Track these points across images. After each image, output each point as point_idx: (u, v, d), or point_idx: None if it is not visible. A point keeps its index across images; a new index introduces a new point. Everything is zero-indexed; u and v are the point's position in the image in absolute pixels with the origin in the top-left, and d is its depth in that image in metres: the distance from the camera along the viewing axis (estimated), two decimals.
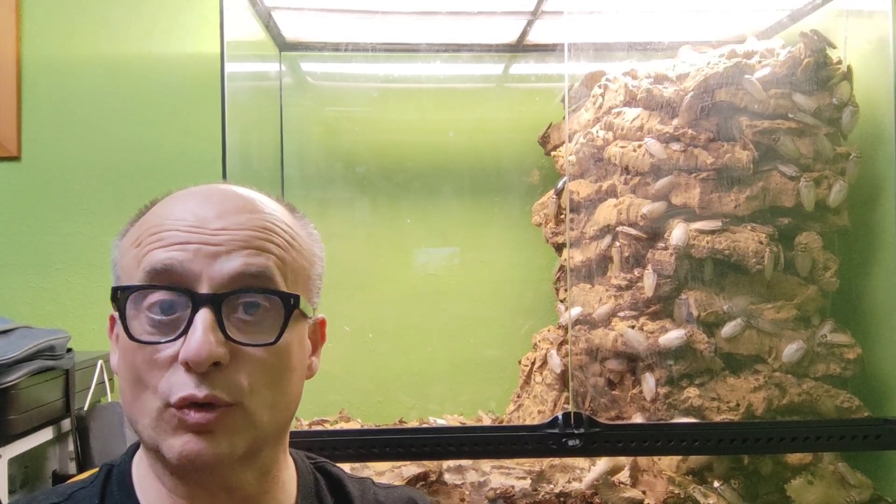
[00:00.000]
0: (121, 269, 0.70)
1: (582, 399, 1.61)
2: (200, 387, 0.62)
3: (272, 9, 1.72)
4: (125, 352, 0.66)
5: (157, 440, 0.64)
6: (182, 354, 0.62)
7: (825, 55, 1.52)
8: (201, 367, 0.62)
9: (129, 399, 0.66)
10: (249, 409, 0.65)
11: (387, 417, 1.84)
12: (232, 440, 0.64)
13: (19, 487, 1.41)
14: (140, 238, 0.68)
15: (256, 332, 0.66)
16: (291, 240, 0.71)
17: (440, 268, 1.97)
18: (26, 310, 1.83)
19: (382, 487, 0.86)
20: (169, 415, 0.63)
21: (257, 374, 0.65)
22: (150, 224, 0.68)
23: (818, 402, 1.45)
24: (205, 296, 0.64)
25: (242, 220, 0.68)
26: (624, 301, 1.55)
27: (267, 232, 0.68)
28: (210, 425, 0.63)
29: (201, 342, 0.62)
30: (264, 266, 0.66)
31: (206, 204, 0.68)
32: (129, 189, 1.86)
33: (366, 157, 1.95)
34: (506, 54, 1.97)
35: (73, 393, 1.47)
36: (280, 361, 0.67)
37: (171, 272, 0.64)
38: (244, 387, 0.64)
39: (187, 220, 0.66)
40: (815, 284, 1.50)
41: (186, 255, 0.64)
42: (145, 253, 0.66)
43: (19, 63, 1.87)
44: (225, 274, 0.65)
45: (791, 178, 1.47)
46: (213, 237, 0.65)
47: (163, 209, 0.70)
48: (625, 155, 1.57)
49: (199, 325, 0.62)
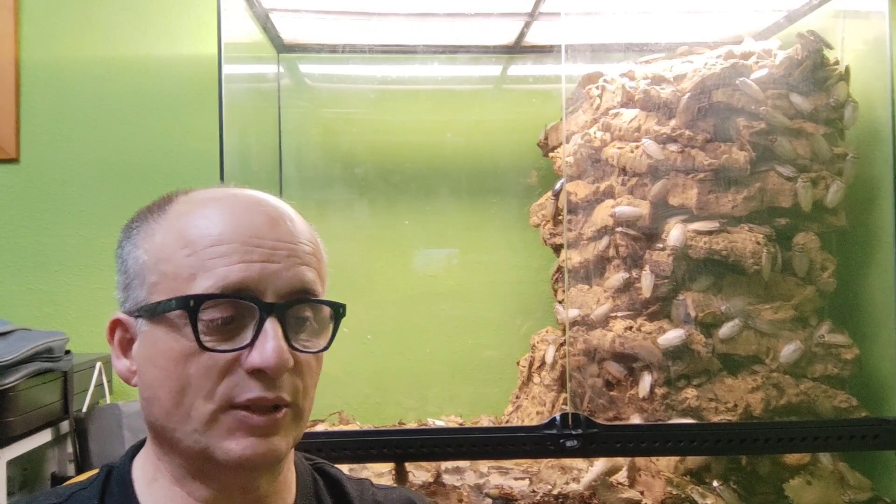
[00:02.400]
0: (159, 275, 0.67)
1: (580, 400, 1.61)
2: (269, 390, 0.66)
3: (270, 11, 1.72)
4: (170, 358, 0.66)
5: (210, 442, 0.65)
6: (258, 362, 0.65)
7: (822, 56, 1.53)
8: (279, 374, 0.66)
9: (168, 406, 0.66)
10: (301, 409, 0.70)
11: (385, 419, 1.84)
12: (286, 440, 0.68)
13: (18, 489, 1.41)
14: (192, 247, 0.67)
15: (307, 340, 0.70)
16: (320, 251, 0.75)
17: (438, 269, 1.97)
18: (25, 312, 1.83)
19: (381, 488, 0.86)
20: (229, 418, 0.65)
21: (308, 378, 0.70)
22: (200, 231, 0.67)
23: (816, 403, 1.45)
24: (272, 305, 0.67)
25: (290, 230, 0.71)
26: (622, 302, 1.55)
27: (308, 244, 0.72)
28: (272, 425, 0.66)
29: (279, 352, 0.65)
30: (312, 279, 0.71)
31: (255, 213, 0.70)
32: (128, 191, 1.86)
33: (364, 158, 1.96)
34: (503, 56, 1.97)
35: (72, 395, 1.47)
36: (320, 366, 0.73)
37: (243, 290, 0.66)
38: (301, 389, 0.69)
39: (245, 231, 0.68)
40: (813, 285, 1.50)
41: (254, 273, 0.66)
42: (208, 267, 0.66)
43: (18, 65, 1.88)
44: (287, 287, 0.68)
45: (788, 178, 1.48)
46: (273, 252, 0.68)
47: (208, 215, 0.69)
48: (622, 156, 1.57)
49: (271, 334, 0.65)
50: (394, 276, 1.96)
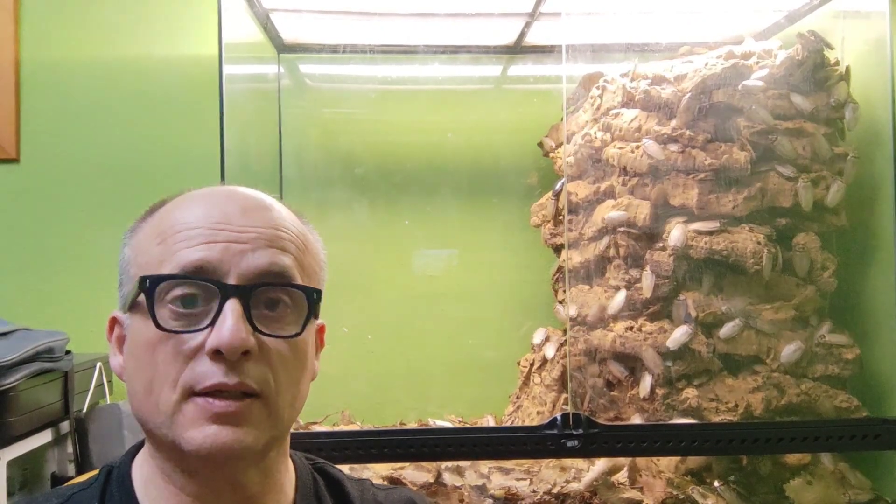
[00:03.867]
0: (136, 267, 0.69)
1: (581, 400, 1.61)
2: (230, 374, 0.63)
3: (270, 11, 1.72)
4: (141, 346, 0.66)
5: (175, 433, 0.64)
6: (214, 342, 0.63)
7: (823, 56, 1.53)
8: (235, 354, 0.63)
9: (141, 397, 0.66)
10: (272, 402, 0.66)
11: (386, 419, 1.84)
12: (256, 432, 0.65)
13: (18, 489, 1.41)
14: (163, 235, 0.68)
15: (278, 327, 0.67)
16: (306, 242, 0.73)
17: (439, 269, 1.97)
18: (25, 312, 1.82)
19: (382, 489, 0.86)
20: (191, 405, 0.63)
21: (280, 369, 0.66)
22: (172, 221, 0.69)
23: (817, 403, 1.45)
24: (234, 287, 0.65)
25: (265, 218, 0.70)
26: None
27: (287, 231, 0.70)
28: (236, 414, 0.63)
29: (234, 330, 0.63)
30: (287, 265, 0.68)
31: (229, 202, 0.70)
32: (128, 191, 1.86)
33: (364, 158, 1.96)
34: (504, 56, 1.97)
35: (72, 395, 1.47)
36: (298, 358, 0.69)
37: (202, 270, 0.65)
38: (269, 379, 0.65)
39: (213, 217, 0.67)
40: (814, 285, 1.50)
41: (215, 253, 0.65)
42: (174, 251, 0.66)
43: (18, 65, 1.87)
44: (252, 269, 0.66)
45: (789, 178, 1.48)
46: (240, 234, 0.67)
47: (183, 208, 0.70)
48: (623, 156, 1.57)
49: (230, 314, 0.63)
50: (394, 277, 1.96)
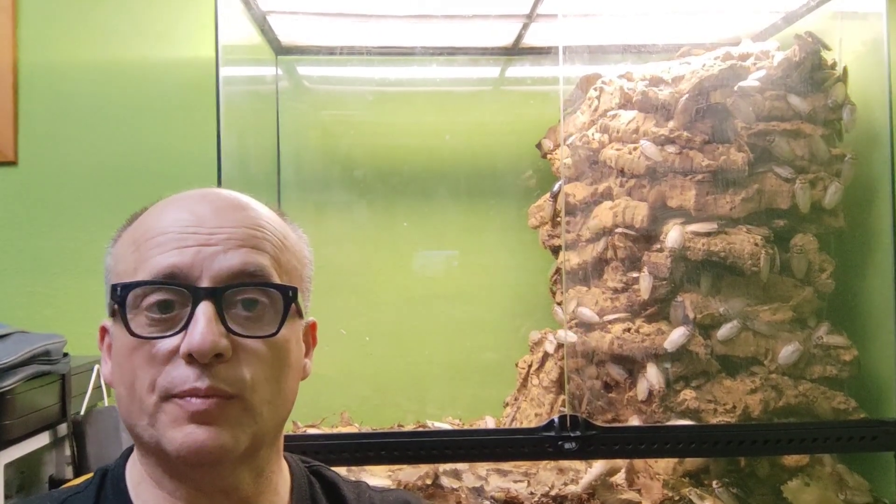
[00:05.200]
0: (115, 276, 0.70)
1: (579, 402, 1.61)
2: (202, 378, 0.63)
3: (267, 13, 1.72)
4: (121, 353, 0.67)
5: (157, 436, 0.64)
6: (185, 346, 0.63)
7: (820, 57, 1.53)
8: (205, 357, 0.62)
9: (125, 402, 0.66)
10: (250, 402, 0.65)
11: (384, 421, 1.84)
12: (235, 433, 0.64)
13: (16, 492, 1.41)
14: (137, 242, 0.68)
15: (256, 327, 0.67)
16: (284, 239, 0.72)
17: (437, 271, 1.96)
18: (22, 314, 1.83)
19: (378, 491, 0.86)
20: (171, 405, 0.63)
21: (258, 369, 0.66)
22: (145, 228, 0.69)
23: (814, 404, 1.45)
24: (205, 289, 0.65)
25: (238, 217, 0.69)
26: (620, 304, 1.55)
27: (262, 230, 0.70)
28: (213, 413, 0.63)
29: (204, 332, 0.62)
30: (262, 264, 0.68)
31: (200, 204, 0.69)
32: (126, 193, 1.86)
33: (362, 160, 1.95)
34: (501, 57, 1.97)
35: (70, 397, 1.47)
36: (279, 357, 0.68)
37: (173, 276, 0.65)
38: (246, 379, 0.65)
39: (184, 221, 0.67)
40: (811, 286, 1.50)
41: (186, 258, 0.65)
42: (146, 258, 0.66)
43: (16, 68, 1.87)
44: (224, 271, 0.66)
45: (786, 179, 1.48)
46: (211, 236, 0.66)
47: (157, 213, 0.71)
48: (620, 157, 1.57)
49: (200, 317, 0.63)
50: (392, 278, 1.95)
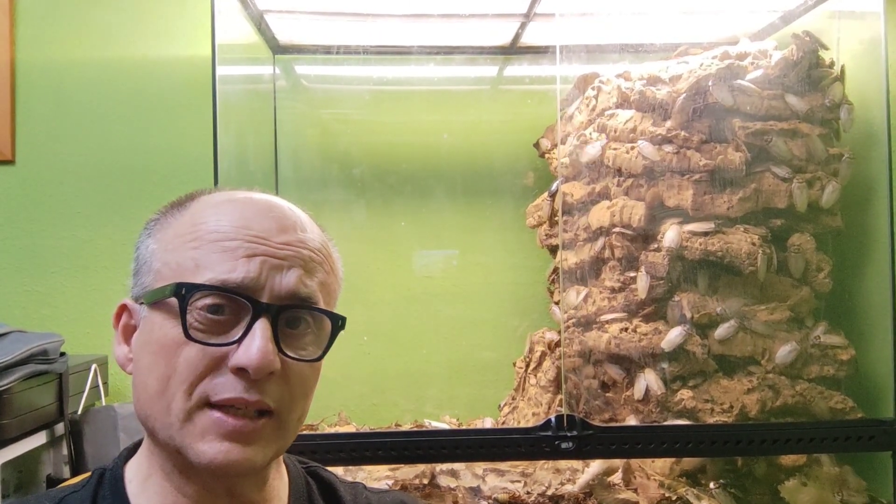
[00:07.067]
0: (164, 265, 0.69)
1: (576, 401, 1.61)
2: (251, 391, 0.64)
3: (264, 12, 1.72)
4: (163, 345, 0.66)
5: (184, 441, 0.64)
6: (242, 360, 0.63)
7: (817, 56, 1.52)
8: (259, 375, 0.64)
9: (151, 395, 0.66)
10: (286, 419, 0.67)
11: (382, 420, 1.84)
12: (265, 450, 0.66)
13: (13, 492, 1.41)
14: (198, 238, 0.68)
15: (298, 346, 0.68)
16: (332, 264, 0.74)
17: (435, 270, 1.96)
18: (20, 313, 1.83)
19: (374, 492, 0.86)
20: (205, 417, 0.64)
21: (297, 388, 0.68)
22: (205, 224, 0.68)
23: (812, 404, 1.45)
24: (266, 306, 0.65)
25: (300, 238, 0.70)
26: (617, 303, 1.55)
27: (318, 254, 0.71)
28: (249, 433, 0.64)
29: (264, 352, 0.63)
30: (314, 289, 0.69)
31: (267, 216, 0.70)
32: (124, 192, 1.86)
33: (360, 159, 1.95)
34: (499, 57, 1.97)
35: (67, 397, 1.47)
36: (314, 376, 0.71)
37: (241, 286, 0.65)
38: (286, 397, 0.67)
39: (251, 230, 0.68)
40: (809, 286, 1.50)
41: (254, 269, 0.66)
42: (212, 260, 0.66)
43: (13, 66, 1.87)
44: (284, 289, 0.67)
45: (784, 179, 1.48)
46: (277, 251, 0.67)
47: (216, 211, 0.70)
48: (618, 157, 1.57)
49: (259, 335, 0.64)
50: (390, 278, 1.95)
